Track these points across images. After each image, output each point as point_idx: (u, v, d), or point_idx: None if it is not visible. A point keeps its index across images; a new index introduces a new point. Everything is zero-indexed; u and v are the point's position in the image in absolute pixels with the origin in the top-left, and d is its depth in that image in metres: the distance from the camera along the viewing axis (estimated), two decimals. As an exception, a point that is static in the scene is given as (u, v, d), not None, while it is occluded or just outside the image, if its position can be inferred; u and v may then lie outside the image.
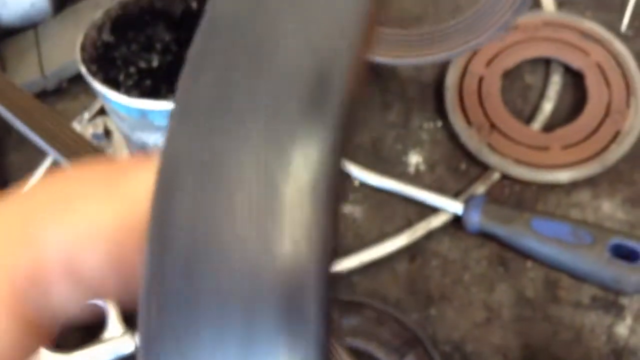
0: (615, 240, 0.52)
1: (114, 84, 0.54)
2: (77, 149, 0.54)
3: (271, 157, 0.09)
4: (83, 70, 0.49)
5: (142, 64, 0.56)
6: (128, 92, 0.53)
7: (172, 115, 0.10)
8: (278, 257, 0.09)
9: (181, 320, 0.09)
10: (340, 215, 0.10)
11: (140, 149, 0.54)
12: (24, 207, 0.11)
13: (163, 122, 0.48)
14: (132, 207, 0.10)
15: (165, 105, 0.47)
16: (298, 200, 0.09)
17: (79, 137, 0.55)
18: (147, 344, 0.09)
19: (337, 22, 0.11)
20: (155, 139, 0.51)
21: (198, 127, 0.10)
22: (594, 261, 0.52)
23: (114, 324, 0.53)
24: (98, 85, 0.48)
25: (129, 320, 0.53)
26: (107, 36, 0.52)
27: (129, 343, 0.52)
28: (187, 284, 0.09)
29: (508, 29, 0.57)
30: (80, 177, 0.11)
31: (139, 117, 0.49)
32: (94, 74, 0.49)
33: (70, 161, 0.53)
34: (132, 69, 0.56)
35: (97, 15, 0.52)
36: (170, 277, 0.09)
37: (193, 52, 0.12)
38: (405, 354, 0.51)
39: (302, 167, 0.09)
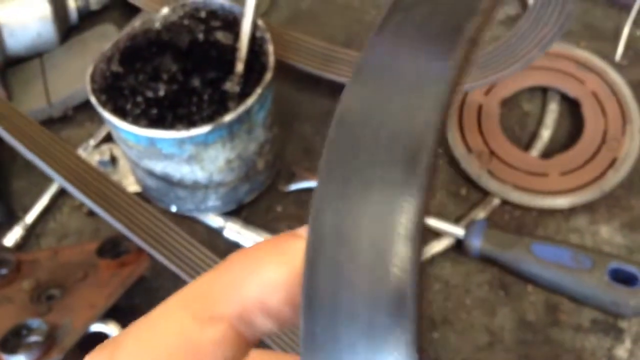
0: (614, 264, 0.53)
1: (122, 113, 0.56)
2: (83, 176, 0.55)
3: (382, 226, 0.15)
4: (93, 100, 0.50)
5: (149, 94, 0.57)
6: (135, 120, 0.55)
7: (315, 196, 0.16)
8: (389, 283, 0.14)
9: (327, 328, 0.15)
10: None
11: (147, 175, 0.55)
12: (234, 266, 0.17)
13: (170, 150, 0.49)
14: (297, 266, 0.16)
15: (173, 134, 0.48)
16: (403, 248, 0.15)
17: (84, 164, 0.56)
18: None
19: (425, 117, 0.16)
20: (163, 166, 0.52)
21: (331, 207, 0.15)
22: (594, 285, 0.53)
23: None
24: (108, 115, 0.49)
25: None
26: (115, 67, 0.54)
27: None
28: (331, 306, 0.15)
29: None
30: (257, 249, 0.18)
31: (147, 146, 0.50)
32: (103, 104, 0.50)
33: (75, 187, 0.54)
34: (139, 98, 0.57)
35: (106, 46, 0.53)
36: (318, 307, 0.15)
37: (328, 142, 0.16)
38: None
39: (405, 225, 0.15)
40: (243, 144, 0.52)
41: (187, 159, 0.50)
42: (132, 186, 0.60)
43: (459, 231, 0.57)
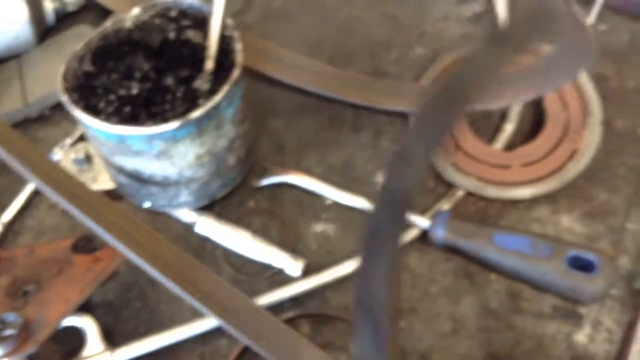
0: (573, 252, 0.55)
1: (95, 111, 0.57)
2: (54, 176, 0.56)
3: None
4: (64, 98, 0.51)
5: (122, 92, 0.59)
6: (108, 118, 0.56)
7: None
8: None
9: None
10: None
11: (119, 172, 0.57)
12: None
13: (140, 146, 0.51)
14: None
15: (141, 131, 0.49)
16: None
17: (54, 166, 0.58)
18: None
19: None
20: (134, 163, 0.53)
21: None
22: (553, 272, 0.54)
23: (94, 341, 0.55)
24: (78, 113, 0.50)
25: (108, 338, 0.55)
26: (87, 66, 0.55)
27: (108, 360, 0.54)
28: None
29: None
30: None
31: (117, 143, 0.51)
32: (75, 103, 0.52)
33: (48, 187, 0.55)
34: (112, 97, 0.59)
35: (79, 46, 0.54)
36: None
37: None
38: (375, 364, 0.53)
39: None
40: (212, 139, 0.54)
41: (157, 155, 0.52)
42: (106, 183, 0.61)
43: (424, 222, 0.58)
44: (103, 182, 0.62)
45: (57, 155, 0.63)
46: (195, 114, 0.50)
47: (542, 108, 0.64)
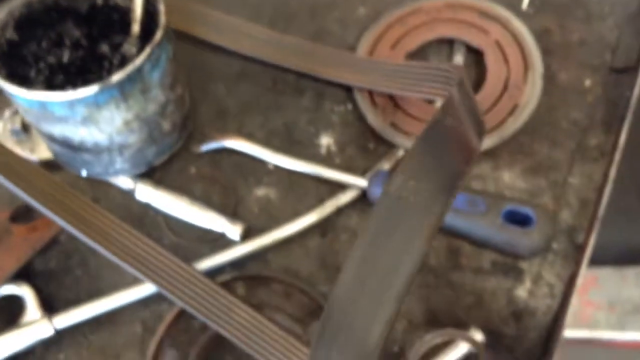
0: (509, 207, 0.54)
1: (25, 80, 0.56)
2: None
3: None
4: (-15, 66, 0.51)
5: (52, 60, 0.58)
6: (39, 87, 0.56)
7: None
8: None
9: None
10: None
11: (50, 140, 0.56)
12: None
13: (62, 112, 0.50)
14: None
15: (60, 97, 0.49)
16: None
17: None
18: None
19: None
20: (60, 130, 0.53)
21: None
22: (489, 227, 0.54)
23: (33, 309, 0.55)
24: (-1, 80, 0.50)
25: (47, 306, 0.55)
26: (11, 34, 0.54)
27: (47, 327, 0.54)
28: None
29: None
30: None
31: (40, 109, 0.51)
32: (-4, 70, 0.51)
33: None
34: (42, 65, 0.58)
35: (0, 15, 0.54)
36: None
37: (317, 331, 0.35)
38: (310, 323, 0.53)
39: None
40: (139, 104, 0.53)
41: (82, 121, 0.51)
42: (44, 153, 0.61)
43: (362, 182, 0.58)
44: (41, 152, 0.61)
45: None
46: (116, 77, 0.49)
47: (483, 64, 0.63)
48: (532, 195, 0.59)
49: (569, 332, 1.44)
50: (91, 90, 0.49)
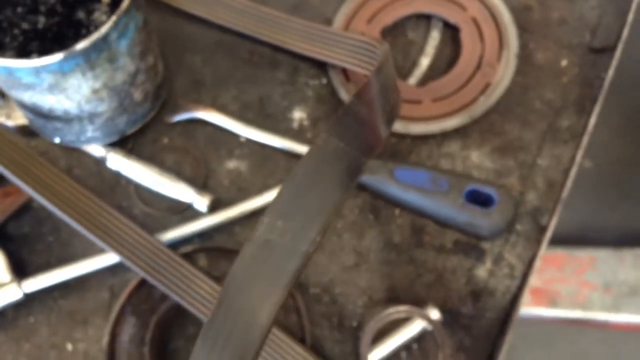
0: (472, 186, 0.55)
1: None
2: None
3: None
4: (-47, 32, 0.51)
5: (26, 26, 0.58)
6: (12, 53, 0.56)
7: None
8: None
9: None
10: None
11: (21, 107, 0.57)
12: None
13: (29, 79, 0.51)
14: None
15: (24, 63, 0.49)
16: None
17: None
18: None
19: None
20: (29, 97, 0.54)
21: None
22: (450, 206, 0.54)
23: (3, 272, 0.56)
24: (-36, 46, 0.50)
25: (17, 269, 0.57)
26: (-18, -1, 0.54)
27: (16, 290, 0.55)
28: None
29: None
30: None
31: (7, 75, 0.51)
32: (-36, 36, 0.52)
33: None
34: (16, 31, 0.58)
35: (-30, -21, 0.54)
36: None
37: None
38: (269, 296, 0.54)
39: None
40: (107, 73, 0.54)
41: (49, 88, 0.52)
42: (21, 119, 0.62)
43: (329, 158, 0.58)
44: (17, 118, 0.62)
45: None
46: (79, 45, 0.50)
47: (459, 42, 0.62)
48: (499, 175, 0.59)
49: (564, 312, 1.44)
50: (56, 57, 0.49)
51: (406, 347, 0.54)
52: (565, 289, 1.34)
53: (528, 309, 1.32)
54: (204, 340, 0.35)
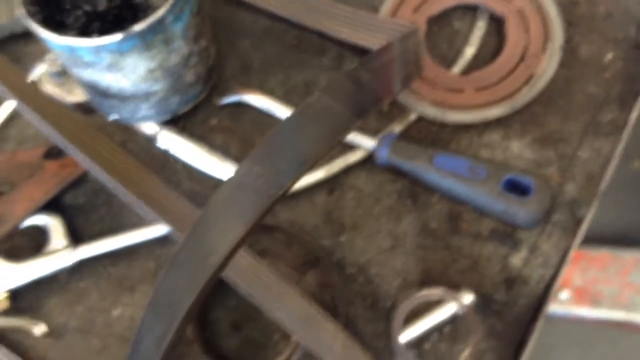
0: (510, 175, 0.55)
1: (62, 27, 0.60)
2: (28, 93, 0.61)
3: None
4: (22, 11, 0.55)
5: (88, 8, 0.62)
6: (75, 33, 0.59)
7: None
8: None
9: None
10: None
11: (81, 84, 0.61)
12: None
13: (89, 58, 0.54)
14: None
15: (85, 42, 0.52)
16: None
17: (26, 84, 0.63)
18: None
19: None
20: (88, 74, 0.57)
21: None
22: (487, 195, 0.55)
23: (58, 238, 0.60)
24: (32, 24, 0.54)
25: (71, 236, 0.60)
26: (50, -19, 0.58)
27: (71, 255, 0.59)
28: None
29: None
30: None
31: (69, 54, 0.54)
32: (32, 15, 0.55)
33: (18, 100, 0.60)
34: (79, 12, 0.62)
35: (41, -38, 0.57)
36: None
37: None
38: (307, 271, 0.56)
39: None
40: (162, 54, 0.56)
41: (107, 67, 0.55)
42: (80, 96, 0.65)
43: (370, 143, 0.60)
44: (77, 95, 0.66)
45: (39, 69, 0.68)
46: (138, 27, 0.53)
47: (504, 33, 0.63)
48: (538, 166, 0.59)
49: (605, 313, 1.41)
50: (115, 38, 0.52)
51: (438, 329, 0.55)
52: (608, 289, 1.32)
53: (569, 308, 1.30)
54: (171, 264, 0.39)
